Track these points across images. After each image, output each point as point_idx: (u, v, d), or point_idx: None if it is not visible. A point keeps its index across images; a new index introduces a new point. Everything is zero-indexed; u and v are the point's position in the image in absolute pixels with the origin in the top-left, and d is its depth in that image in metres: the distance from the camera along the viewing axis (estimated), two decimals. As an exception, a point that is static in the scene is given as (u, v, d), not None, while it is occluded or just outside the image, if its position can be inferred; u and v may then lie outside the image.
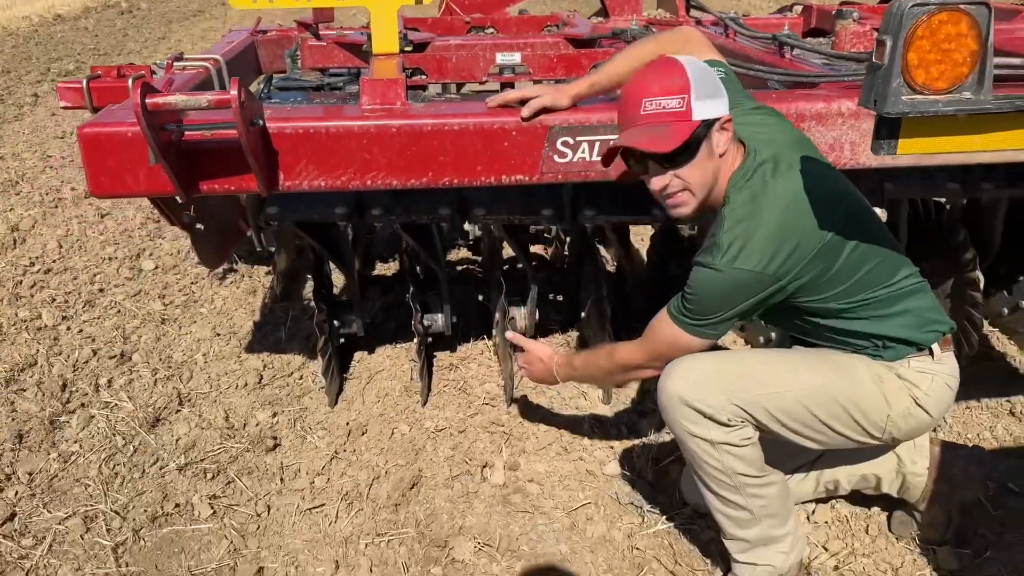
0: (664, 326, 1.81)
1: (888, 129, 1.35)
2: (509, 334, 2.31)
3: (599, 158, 2.06)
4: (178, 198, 1.97)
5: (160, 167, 1.86)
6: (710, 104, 1.67)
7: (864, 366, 1.79)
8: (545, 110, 1.98)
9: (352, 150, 1.98)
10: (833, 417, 1.77)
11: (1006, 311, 2.97)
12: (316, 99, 2.74)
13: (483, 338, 3.07)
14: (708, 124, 1.68)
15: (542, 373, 2.17)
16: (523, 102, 1.99)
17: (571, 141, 2.03)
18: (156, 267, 3.81)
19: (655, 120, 1.66)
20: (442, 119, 1.99)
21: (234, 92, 1.73)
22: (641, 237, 3.83)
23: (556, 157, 2.04)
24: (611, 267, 3.49)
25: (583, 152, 2.05)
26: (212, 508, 2.28)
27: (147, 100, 1.72)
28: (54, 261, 3.87)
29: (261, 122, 1.88)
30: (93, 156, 1.92)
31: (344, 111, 2.09)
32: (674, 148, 1.65)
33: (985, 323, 2.97)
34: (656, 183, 1.74)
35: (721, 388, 1.75)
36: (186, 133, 1.88)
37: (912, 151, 1.37)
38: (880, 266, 1.74)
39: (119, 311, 3.40)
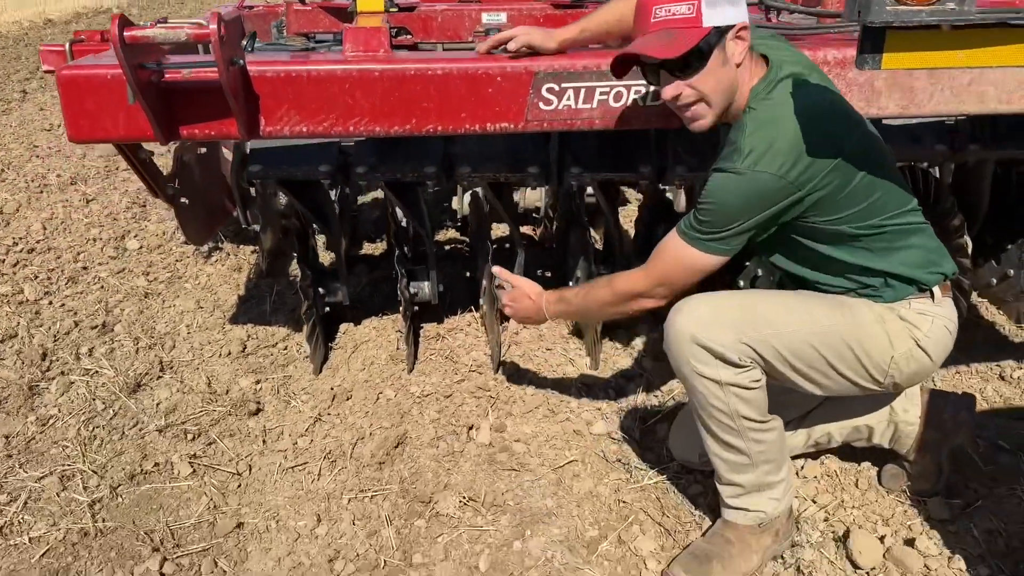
0: (672, 244, 1.76)
1: (872, 42, 1.34)
2: (495, 268, 2.21)
3: (585, 105, 2.04)
4: (157, 142, 1.94)
5: (139, 109, 1.83)
6: (723, 11, 1.63)
7: (867, 307, 1.77)
8: (532, 49, 1.96)
9: (334, 94, 1.96)
10: (839, 358, 1.75)
11: (994, 281, 2.96)
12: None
13: (470, 310, 3.04)
14: (721, 31, 1.64)
15: (529, 311, 2.08)
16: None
17: (556, 88, 2.01)
18: (141, 247, 3.77)
19: (664, 26, 1.63)
20: (425, 64, 1.97)
21: (214, 26, 1.71)
22: (629, 218, 3.82)
23: (541, 104, 2.02)
24: (599, 245, 3.47)
25: (568, 99, 2.02)
26: (192, 467, 2.24)
27: (125, 33, 1.70)
28: (38, 241, 3.82)
29: (241, 62, 1.86)
30: (72, 99, 1.90)
31: (327, 56, 2.07)
32: (679, 54, 1.61)
33: (974, 293, 2.97)
34: (668, 92, 1.69)
35: (731, 327, 1.71)
36: (167, 73, 1.86)
37: (897, 66, 1.35)
38: (892, 194, 1.72)
39: (102, 287, 3.36)
